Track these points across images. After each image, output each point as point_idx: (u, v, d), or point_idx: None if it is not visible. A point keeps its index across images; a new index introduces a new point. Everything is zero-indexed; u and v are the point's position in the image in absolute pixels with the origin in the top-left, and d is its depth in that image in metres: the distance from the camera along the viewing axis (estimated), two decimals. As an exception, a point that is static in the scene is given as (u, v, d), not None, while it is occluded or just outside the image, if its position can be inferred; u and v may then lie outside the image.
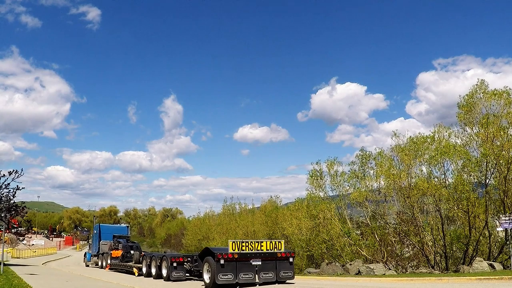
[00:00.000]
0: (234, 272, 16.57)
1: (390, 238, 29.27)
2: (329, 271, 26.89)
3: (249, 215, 53.32)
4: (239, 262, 16.77)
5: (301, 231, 33.75)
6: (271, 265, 17.54)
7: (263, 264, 17.33)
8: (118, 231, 38.71)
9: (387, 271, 25.05)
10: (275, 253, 17.71)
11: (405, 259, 28.08)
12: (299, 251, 34.48)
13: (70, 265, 47.61)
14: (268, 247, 17.64)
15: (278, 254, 17.74)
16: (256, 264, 17.12)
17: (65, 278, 22.57)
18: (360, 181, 31.41)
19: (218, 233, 52.52)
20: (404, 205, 28.43)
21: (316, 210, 32.46)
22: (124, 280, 21.20)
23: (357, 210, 33.67)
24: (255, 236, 43.55)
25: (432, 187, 25.69)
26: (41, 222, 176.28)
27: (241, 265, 16.81)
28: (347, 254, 30.36)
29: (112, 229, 40.21)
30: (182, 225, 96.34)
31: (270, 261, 17.56)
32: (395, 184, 28.08)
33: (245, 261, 16.93)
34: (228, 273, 16.45)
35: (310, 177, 34.25)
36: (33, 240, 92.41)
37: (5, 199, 26.23)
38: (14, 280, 18.07)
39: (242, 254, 16.87)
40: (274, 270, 17.58)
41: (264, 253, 17.47)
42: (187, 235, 67.56)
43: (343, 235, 30.65)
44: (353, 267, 26.01)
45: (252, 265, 17.02)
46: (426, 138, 28.15)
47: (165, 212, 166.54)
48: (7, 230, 31.80)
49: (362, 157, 31.63)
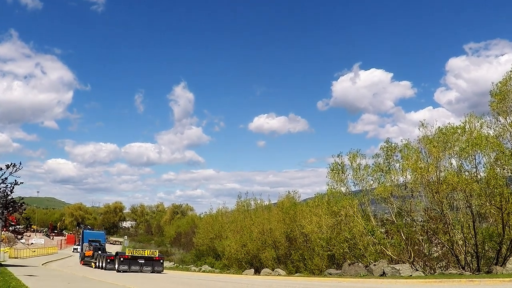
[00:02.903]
0: (128, 265, 34.12)
1: (417, 236, 29.59)
2: (351, 272, 27.39)
3: (265, 211, 53.63)
4: (132, 260, 34.38)
5: (321, 229, 34.12)
6: (150, 263, 35.02)
7: (145, 262, 34.78)
8: (97, 236, 52.99)
9: (414, 272, 25.39)
10: (152, 257, 35.45)
11: (434, 259, 28.45)
12: (318, 251, 35.00)
13: (72, 265, 48.65)
14: (148, 253, 35.78)
15: (154, 257, 35.43)
16: (141, 262, 34.61)
17: (66, 280, 22.70)
18: (385, 175, 31.75)
19: (231, 231, 52.91)
20: (432, 201, 28.59)
21: (338, 207, 32.64)
22: (128, 282, 21.90)
23: (381, 207, 34.04)
24: (272, 235, 44.03)
25: (463, 182, 25.84)
26: (41, 219, 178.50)
27: (132, 262, 34.35)
28: (370, 254, 30.60)
29: (92, 234, 54.31)
30: (193, 222, 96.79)
31: (149, 261, 35.06)
32: (423, 179, 28.34)
33: (135, 260, 34.51)
34: (125, 265, 34.04)
35: (331, 171, 34.66)
36: (32, 239, 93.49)
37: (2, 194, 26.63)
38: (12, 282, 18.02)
39: (133, 256, 34.66)
40: (151, 265, 34.93)
41: (146, 256, 35.13)
42: (198, 233, 67.96)
43: (366, 233, 30.82)
44: (377, 268, 26.41)
45: (139, 262, 34.54)
46: (456, 129, 28.29)
47: (174, 208, 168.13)
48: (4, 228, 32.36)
49: (387, 149, 31.96)
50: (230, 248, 47.91)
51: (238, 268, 45.53)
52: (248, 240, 46.35)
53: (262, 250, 44.13)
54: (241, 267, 45.29)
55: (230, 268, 47.05)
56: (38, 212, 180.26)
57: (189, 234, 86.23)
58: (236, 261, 47.52)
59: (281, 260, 43.00)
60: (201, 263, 55.82)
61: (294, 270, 38.55)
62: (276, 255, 43.31)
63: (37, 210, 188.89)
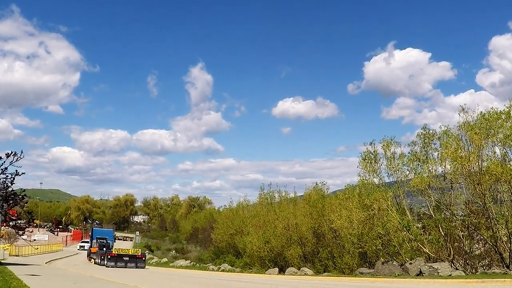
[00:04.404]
0: (114, 261, 43.83)
1: (457, 232, 29.78)
2: (385, 271, 27.75)
3: (291, 205, 53.97)
4: (118, 257, 44.34)
5: (352, 224, 34.37)
6: (133, 260, 44.49)
7: (130, 259, 44.39)
8: (105, 233, 64.31)
9: (453, 271, 25.66)
10: (136, 255, 45.54)
11: (475, 257, 28.62)
12: (349, 248, 35.30)
13: (78, 264, 49.81)
14: (132, 252, 46.63)
15: (137, 255, 45.38)
16: (126, 259, 44.22)
17: (72, 280, 23.13)
18: (422, 165, 31.89)
19: (253, 226, 53.41)
20: (474, 194, 28.65)
21: (370, 200, 32.89)
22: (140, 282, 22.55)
23: (418, 200, 34.07)
24: (298, 230, 44.26)
25: (507, 172, 25.99)
26: (44, 213, 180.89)
27: (118, 259, 44.16)
28: (406, 251, 30.90)
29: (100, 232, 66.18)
30: (211, 217, 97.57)
31: (133, 258, 44.66)
32: (463, 169, 28.43)
33: (120, 257, 44.36)
34: (112, 262, 43.88)
35: (363, 160, 35.02)
36: (34, 235, 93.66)
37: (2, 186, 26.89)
38: (13, 282, 18.29)
39: (119, 254, 45.04)
40: (135, 262, 44.33)
41: (130, 254, 45.31)
42: (217, 229, 68.53)
43: (401, 228, 31.08)
44: (413, 266, 26.74)
45: (124, 259, 44.18)
46: (500, 114, 28.21)
47: (191, 201, 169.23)
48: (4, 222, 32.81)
49: (425, 137, 32.12)
50: (252, 245, 48.29)
51: (261, 267, 45.73)
52: (271, 236, 46.60)
53: (287, 247, 44.37)
54: (264, 266, 45.56)
55: (252, 267, 47.35)
56: (41, 206, 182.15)
57: (207, 230, 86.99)
58: (258, 260, 47.82)
59: (307, 258, 43.31)
60: (220, 261, 56.25)
61: (322, 269, 38.90)
62: (302, 252, 43.59)
63: (40, 203, 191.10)
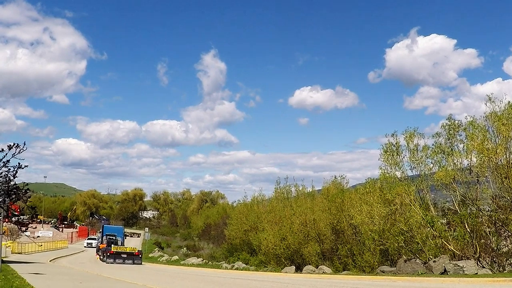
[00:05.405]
0: (113, 258, 53.24)
1: (484, 228, 29.90)
2: (407, 270, 28.07)
3: (308, 200, 54.07)
4: (116, 255, 53.87)
5: (372, 220, 34.47)
6: (130, 257, 54.09)
7: (127, 256, 54.05)
8: (115, 230, 69.35)
9: (480, 269, 25.90)
10: (133, 252, 55.25)
11: (503, 255, 28.76)
12: (369, 245, 35.56)
13: (85, 262, 50.79)
14: (130, 250, 55.88)
15: (134, 253, 55.10)
16: (124, 256, 53.80)
17: (78, 279, 23.44)
18: (446, 157, 32.03)
19: (269, 222, 53.69)
20: (501, 188, 28.84)
21: (392, 194, 32.92)
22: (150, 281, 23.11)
23: (442, 194, 34.16)
24: (316, 226, 44.43)
25: (537, 165, 26.17)
26: (48, 208, 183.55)
27: (117, 256, 53.69)
28: (430, 248, 30.95)
29: (111, 229, 71.54)
30: (225, 212, 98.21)
31: (130, 255, 54.33)
32: (490, 162, 28.63)
33: (119, 255, 53.96)
34: (111, 258, 53.30)
35: (384, 153, 35.20)
36: (38, 231, 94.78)
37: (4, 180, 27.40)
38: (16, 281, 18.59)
39: (117, 251, 54.46)
40: (132, 259, 53.75)
41: (128, 252, 54.94)
42: (231, 225, 69.20)
43: (425, 224, 31.21)
44: (437, 264, 27.00)
45: (122, 256, 53.71)
46: (530, 104, 28.27)
47: (203, 196, 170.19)
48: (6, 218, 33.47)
49: (450, 128, 32.20)
50: (267, 242, 48.68)
51: (277, 265, 46.14)
52: (288, 233, 46.91)
53: (304, 244, 44.70)
54: (280, 264, 45.95)
55: (267, 265, 47.82)
56: (45, 200, 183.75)
57: (220, 226, 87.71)
58: (274, 257, 48.25)
59: (326, 256, 43.63)
60: (234, 259, 56.91)
61: (341, 267, 39.26)
62: (320, 250, 43.85)
63: (44, 198, 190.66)
